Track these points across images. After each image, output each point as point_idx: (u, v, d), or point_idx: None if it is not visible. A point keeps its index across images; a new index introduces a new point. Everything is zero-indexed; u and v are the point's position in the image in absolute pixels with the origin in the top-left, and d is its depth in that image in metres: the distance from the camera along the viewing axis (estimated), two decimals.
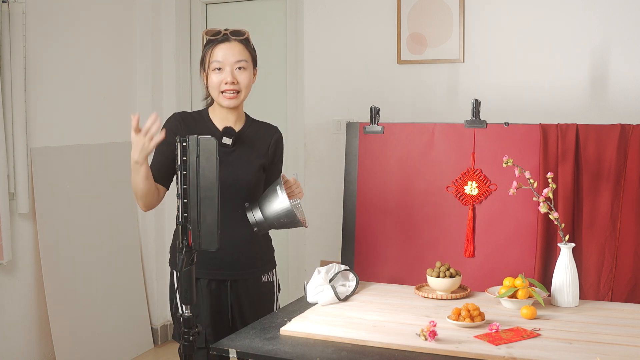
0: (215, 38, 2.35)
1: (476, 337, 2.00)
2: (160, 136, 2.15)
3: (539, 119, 3.00)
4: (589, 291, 2.63)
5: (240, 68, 2.34)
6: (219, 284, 2.40)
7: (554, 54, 3.37)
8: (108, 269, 3.91)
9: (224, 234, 2.10)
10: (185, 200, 2.07)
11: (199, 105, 4.27)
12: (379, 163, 2.91)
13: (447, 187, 2.81)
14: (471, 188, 2.77)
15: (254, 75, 2.43)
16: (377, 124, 2.92)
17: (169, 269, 4.78)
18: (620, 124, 2.65)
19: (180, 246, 2.06)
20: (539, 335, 2.03)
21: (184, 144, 2.07)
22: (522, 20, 3.42)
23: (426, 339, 1.96)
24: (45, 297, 3.51)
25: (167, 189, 2.41)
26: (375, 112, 2.92)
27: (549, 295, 2.39)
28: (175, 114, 2.45)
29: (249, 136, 2.43)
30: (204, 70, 2.38)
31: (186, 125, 2.38)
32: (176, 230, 2.42)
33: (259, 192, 2.42)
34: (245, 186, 2.38)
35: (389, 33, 3.68)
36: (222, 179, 2.12)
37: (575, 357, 1.85)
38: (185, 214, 2.07)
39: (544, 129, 2.71)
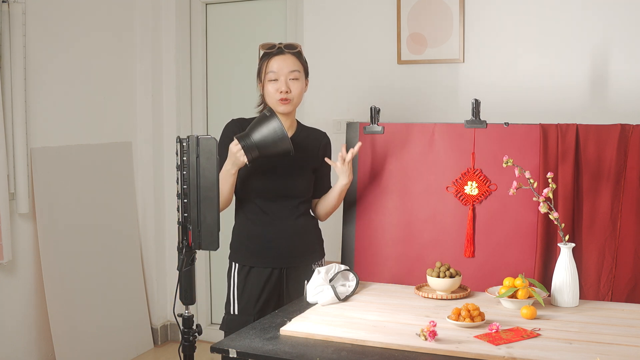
0: (270, 51, 2.59)
1: (476, 337, 2.00)
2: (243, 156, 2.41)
3: (539, 119, 3.00)
4: (589, 291, 2.63)
5: (293, 78, 2.57)
6: (273, 271, 2.63)
7: (554, 54, 3.37)
8: (108, 269, 3.91)
9: (280, 227, 2.58)
10: (185, 201, 2.07)
11: (198, 105, 4.29)
12: (379, 163, 2.90)
13: (447, 187, 2.81)
14: (471, 188, 2.77)
15: (306, 85, 2.66)
16: (377, 124, 2.92)
17: (169, 269, 4.78)
18: (620, 124, 2.64)
19: (180, 246, 2.06)
20: (539, 335, 2.03)
21: (184, 143, 2.07)
22: (522, 20, 3.42)
23: (426, 339, 1.96)
24: (45, 297, 3.51)
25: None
26: (375, 112, 2.92)
27: (549, 295, 2.39)
28: (233, 120, 2.67)
29: (300, 141, 2.65)
30: (260, 81, 2.61)
31: (243, 130, 2.57)
32: (235, 227, 2.70)
33: (309, 192, 2.70)
34: (299, 186, 2.64)
35: (389, 33, 3.68)
36: (279, 180, 2.55)
37: (575, 357, 1.85)
38: (185, 214, 2.07)
39: (544, 129, 2.71)
